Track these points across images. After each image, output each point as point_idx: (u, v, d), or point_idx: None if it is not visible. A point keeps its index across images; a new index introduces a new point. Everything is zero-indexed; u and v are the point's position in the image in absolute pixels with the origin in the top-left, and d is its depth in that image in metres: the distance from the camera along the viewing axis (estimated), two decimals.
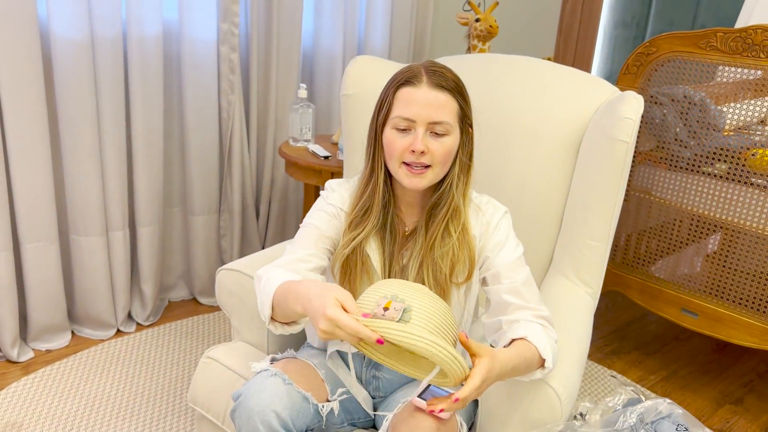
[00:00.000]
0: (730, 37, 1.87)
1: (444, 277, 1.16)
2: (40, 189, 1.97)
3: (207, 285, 2.50)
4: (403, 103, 1.11)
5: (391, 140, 1.13)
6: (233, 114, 2.34)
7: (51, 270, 2.06)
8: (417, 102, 1.10)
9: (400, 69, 1.16)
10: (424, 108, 1.10)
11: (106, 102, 2.04)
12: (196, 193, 2.38)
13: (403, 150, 1.11)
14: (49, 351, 2.12)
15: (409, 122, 1.11)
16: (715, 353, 2.44)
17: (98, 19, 1.95)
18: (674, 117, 2.01)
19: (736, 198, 1.93)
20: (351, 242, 1.18)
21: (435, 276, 1.16)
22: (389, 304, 0.92)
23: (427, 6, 2.92)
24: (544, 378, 1.12)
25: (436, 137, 1.12)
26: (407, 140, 1.11)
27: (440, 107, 1.11)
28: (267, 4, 2.35)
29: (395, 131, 1.12)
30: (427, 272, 1.16)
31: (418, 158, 1.11)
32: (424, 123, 1.10)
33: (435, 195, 1.18)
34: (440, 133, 1.12)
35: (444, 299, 1.12)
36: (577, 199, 1.48)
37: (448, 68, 1.16)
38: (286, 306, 1.05)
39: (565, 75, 1.61)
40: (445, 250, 1.16)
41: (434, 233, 1.16)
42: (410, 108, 1.10)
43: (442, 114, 1.11)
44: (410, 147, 1.11)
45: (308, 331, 1.38)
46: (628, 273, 2.20)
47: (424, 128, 1.11)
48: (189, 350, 2.18)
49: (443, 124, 1.11)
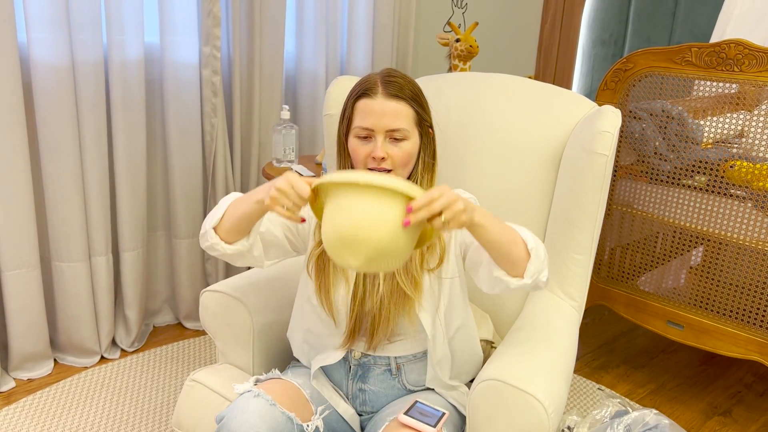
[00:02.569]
0: (704, 51, 1.90)
1: (414, 265, 1.19)
2: (21, 215, 1.95)
3: (192, 309, 2.48)
4: (362, 114, 1.18)
5: (354, 148, 1.20)
6: (216, 136, 2.34)
7: (33, 297, 2.04)
8: (374, 112, 1.16)
9: (359, 80, 1.22)
10: (381, 117, 1.16)
11: (88, 127, 2.03)
12: (180, 216, 2.37)
13: (365, 157, 1.18)
14: (31, 380, 2.09)
15: (368, 131, 1.17)
16: (702, 365, 2.45)
17: (79, 44, 1.96)
18: (653, 131, 2.04)
19: (717, 210, 1.95)
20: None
21: (406, 265, 1.19)
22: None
23: (408, 26, 2.95)
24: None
25: (395, 142, 1.18)
26: (368, 148, 1.18)
27: (396, 116, 1.16)
28: (249, 27, 2.37)
29: (357, 140, 1.19)
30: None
31: (380, 164, 1.17)
32: (382, 131, 1.17)
33: None
34: (399, 138, 1.18)
35: (415, 288, 1.18)
36: (559, 212, 1.49)
37: (405, 76, 1.22)
38: (240, 206, 1.12)
39: (545, 91, 1.63)
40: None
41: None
42: (368, 118, 1.17)
43: (398, 121, 1.17)
44: (371, 154, 1.17)
45: (293, 342, 1.36)
46: (613, 287, 2.21)
47: (383, 136, 1.17)
48: (175, 375, 2.16)
49: (400, 130, 1.17)
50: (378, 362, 1.25)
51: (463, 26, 3.27)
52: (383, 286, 1.19)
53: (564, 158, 1.51)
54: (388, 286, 1.19)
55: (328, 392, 1.26)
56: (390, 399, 1.27)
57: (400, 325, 1.21)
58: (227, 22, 2.32)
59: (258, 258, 1.23)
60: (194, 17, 2.22)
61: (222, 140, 2.36)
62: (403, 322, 1.21)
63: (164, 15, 2.16)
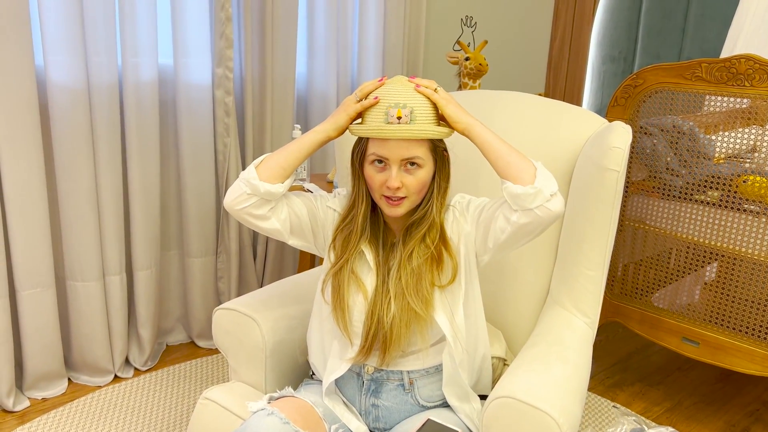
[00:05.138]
0: (714, 67, 1.90)
1: (424, 286, 1.20)
2: (37, 235, 1.98)
3: (205, 328, 2.48)
4: (377, 142, 1.16)
5: (370, 175, 1.20)
6: (229, 156, 2.36)
7: (47, 316, 2.05)
8: (389, 141, 1.15)
9: None
10: (396, 147, 1.15)
11: (103, 147, 2.06)
12: (193, 235, 2.38)
13: (381, 185, 1.18)
14: (45, 399, 2.10)
15: (383, 158, 1.16)
16: (719, 382, 2.41)
17: (95, 66, 1.99)
18: (664, 147, 2.04)
19: (730, 225, 1.94)
20: (338, 262, 1.24)
21: (415, 285, 1.20)
22: (400, 112, 1.14)
23: (418, 46, 2.98)
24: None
25: (410, 170, 1.17)
26: (383, 176, 1.17)
27: (411, 144, 1.15)
28: (261, 48, 2.40)
29: (373, 167, 1.19)
30: (407, 281, 1.20)
31: (395, 193, 1.17)
32: (397, 160, 1.16)
33: (414, 215, 1.24)
34: (415, 165, 1.17)
35: (425, 306, 1.19)
36: (571, 229, 1.49)
37: None
38: (283, 152, 1.22)
39: (554, 108, 1.64)
40: (424, 259, 1.20)
41: (411, 247, 1.21)
42: (383, 147, 1.15)
43: (413, 149, 1.16)
44: (386, 183, 1.16)
45: (311, 344, 1.36)
46: (627, 303, 2.19)
47: (398, 165, 1.16)
48: (187, 394, 2.16)
49: (416, 158, 1.16)
50: (391, 377, 1.25)
51: (472, 45, 3.29)
52: (395, 304, 1.19)
53: (575, 174, 1.51)
54: (399, 305, 1.19)
55: (340, 410, 1.26)
56: (403, 415, 1.27)
57: (413, 340, 1.21)
58: (240, 43, 2.36)
59: (284, 222, 1.24)
60: (207, 39, 2.25)
61: (234, 159, 2.38)
62: (416, 337, 1.21)
63: (178, 37, 2.20)
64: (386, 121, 1.14)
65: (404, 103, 1.14)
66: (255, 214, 1.21)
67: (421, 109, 1.15)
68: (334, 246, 1.26)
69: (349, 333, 1.22)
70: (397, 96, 1.15)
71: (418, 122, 1.14)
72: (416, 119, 1.14)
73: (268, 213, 1.22)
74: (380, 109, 1.15)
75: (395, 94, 1.15)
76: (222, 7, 2.20)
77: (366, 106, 1.17)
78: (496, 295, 1.58)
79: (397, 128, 1.13)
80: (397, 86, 1.17)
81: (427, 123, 1.16)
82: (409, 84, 1.18)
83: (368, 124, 1.17)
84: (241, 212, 1.21)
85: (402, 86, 1.17)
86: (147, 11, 2.06)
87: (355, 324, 1.22)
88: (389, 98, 1.15)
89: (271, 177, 1.20)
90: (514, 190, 1.12)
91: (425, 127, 1.15)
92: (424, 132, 1.15)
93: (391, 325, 1.19)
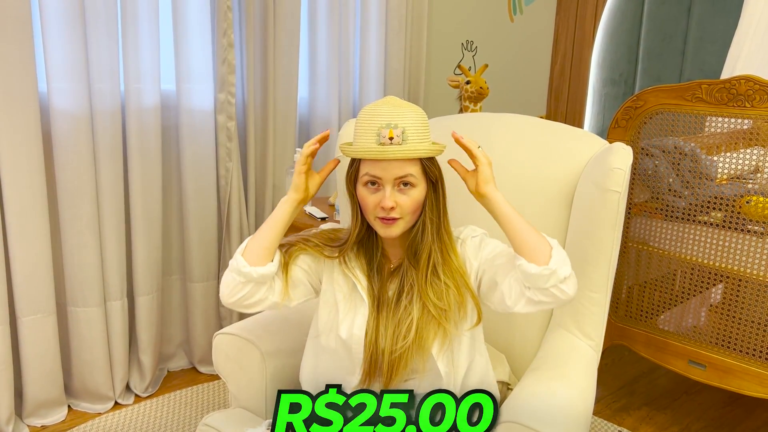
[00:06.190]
0: (714, 88, 1.91)
1: (442, 314, 1.19)
2: (38, 261, 1.97)
3: (206, 353, 2.46)
4: (370, 162, 1.17)
5: (363, 197, 1.19)
6: (231, 181, 2.37)
7: (48, 343, 2.04)
8: (382, 161, 1.15)
9: None
10: (389, 166, 1.15)
11: (105, 173, 2.06)
12: (195, 260, 2.38)
13: (375, 206, 1.18)
14: (44, 427, 2.07)
15: (376, 178, 1.16)
16: (727, 406, 2.38)
17: (98, 93, 2.01)
18: (666, 168, 2.03)
19: (734, 246, 1.92)
20: (327, 287, 1.26)
21: (435, 307, 1.19)
22: (392, 132, 1.13)
23: (419, 69, 3.00)
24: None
25: (403, 191, 1.17)
26: (377, 197, 1.17)
27: (404, 163, 1.15)
28: (263, 74, 2.42)
29: (366, 188, 1.19)
30: (427, 300, 1.19)
31: (389, 214, 1.16)
32: (390, 180, 1.15)
33: (411, 235, 1.23)
34: (408, 185, 1.16)
35: (442, 333, 1.19)
36: (574, 251, 1.48)
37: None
38: (262, 232, 1.21)
39: (555, 130, 1.64)
40: (442, 293, 1.19)
41: (423, 267, 1.20)
42: (376, 167, 1.16)
43: (407, 167, 1.16)
44: (380, 204, 1.16)
45: (303, 369, 1.35)
46: (632, 326, 2.17)
47: (392, 185, 1.16)
48: (188, 420, 2.13)
49: (409, 176, 1.16)
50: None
51: (473, 68, 3.32)
52: (399, 340, 1.19)
53: (576, 196, 1.50)
54: (401, 339, 1.19)
55: None
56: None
57: (414, 365, 1.20)
58: (242, 69, 2.38)
59: (281, 293, 1.24)
60: (210, 65, 2.27)
61: (237, 184, 2.39)
62: (416, 362, 1.20)
63: (180, 63, 2.21)
64: (378, 141, 1.14)
65: (395, 123, 1.14)
66: (254, 301, 1.22)
67: (412, 129, 1.15)
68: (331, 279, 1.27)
69: (349, 353, 1.23)
70: (388, 116, 1.14)
71: (410, 142, 1.14)
72: (408, 139, 1.14)
73: (265, 293, 1.23)
74: (371, 130, 1.15)
75: (386, 114, 1.15)
76: (224, 33, 2.23)
77: (315, 146, 1.20)
78: (499, 318, 1.57)
79: (389, 149, 1.13)
80: (388, 106, 1.16)
81: (419, 142, 1.16)
82: (400, 103, 1.17)
83: (360, 146, 1.16)
84: (240, 301, 1.22)
85: (393, 106, 1.16)
86: (149, 38, 2.08)
87: (353, 344, 1.23)
88: (380, 119, 1.15)
89: (258, 260, 1.20)
90: (529, 269, 1.11)
91: (417, 146, 1.15)
92: (417, 151, 1.15)
93: (393, 349, 1.19)
